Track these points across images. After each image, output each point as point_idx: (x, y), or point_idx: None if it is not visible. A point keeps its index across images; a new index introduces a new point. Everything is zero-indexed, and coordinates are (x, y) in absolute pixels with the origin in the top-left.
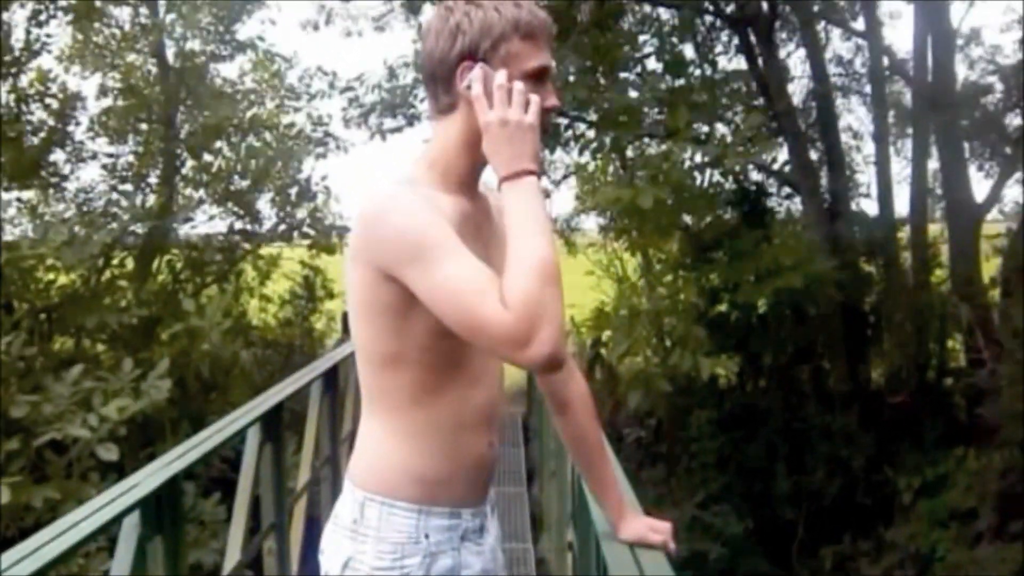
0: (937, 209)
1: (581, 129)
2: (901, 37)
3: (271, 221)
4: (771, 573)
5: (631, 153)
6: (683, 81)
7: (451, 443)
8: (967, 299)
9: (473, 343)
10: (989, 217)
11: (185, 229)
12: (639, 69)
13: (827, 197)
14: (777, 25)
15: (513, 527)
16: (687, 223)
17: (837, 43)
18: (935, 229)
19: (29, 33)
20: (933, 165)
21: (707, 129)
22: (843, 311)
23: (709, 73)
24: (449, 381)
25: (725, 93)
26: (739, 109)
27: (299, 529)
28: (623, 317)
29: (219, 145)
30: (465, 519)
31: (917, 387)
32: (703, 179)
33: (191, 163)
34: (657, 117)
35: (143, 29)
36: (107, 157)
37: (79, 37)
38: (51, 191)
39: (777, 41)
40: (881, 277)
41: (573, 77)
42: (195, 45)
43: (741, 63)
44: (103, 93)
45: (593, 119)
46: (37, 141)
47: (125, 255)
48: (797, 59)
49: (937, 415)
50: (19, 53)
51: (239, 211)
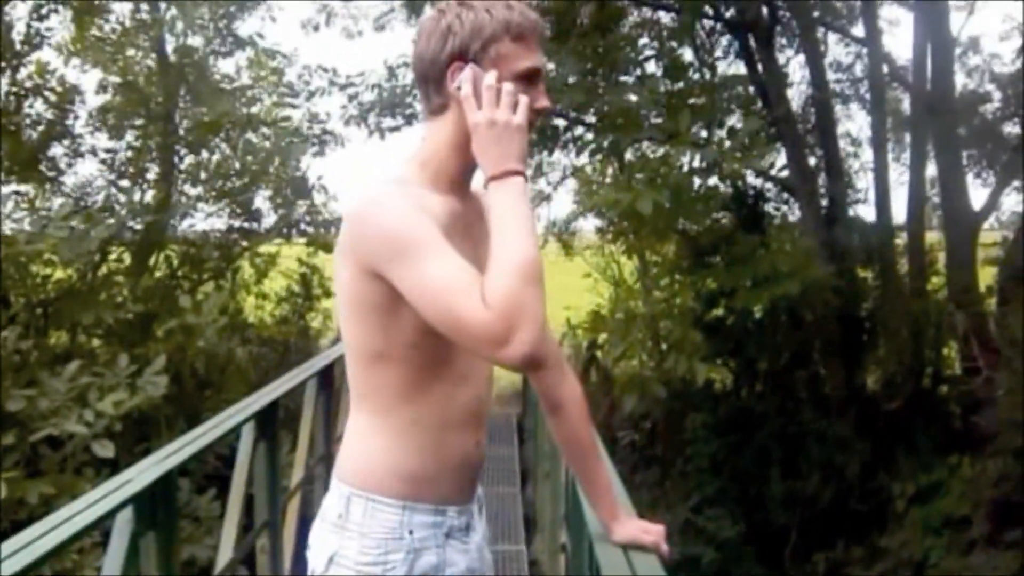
0: (934, 216)
1: (580, 131)
2: (901, 44)
3: (270, 218)
4: None
5: (630, 156)
6: (682, 85)
7: (437, 441)
8: (963, 307)
9: (455, 341)
10: (986, 225)
11: (183, 226)
12: (639, 72)
13: (825, 203)
14: (777, 30)
15: (506, 528)
16: (684, 227)
17: (836, 49)
18: (932, 236)
19: (30, 28)
20: (931, 172)
21: (705, 133)
22: (839, 317)
23: (708, 77)
24: (435, 379)
25: (724, 98)
26: (738, 114)
27: (292, 527)
28: (619, 320)
29: (217, 141)
30: (450, 516)
31: (912, 394)
32: (701, 183)
33: (189, 159)
34: (656, 120)
35: (143, 25)
36: (105, 152)
37: (79, 32)
38: (48, 185)
39: (777, 46)
40: (878, 283)
41: (572, 79)
42: (195, 41)
43: (740, 68)
44: (102, 88)
45: (592, 121)
46: (36, 135)
47: (123, 251)
48: (796, 65)
49: (932, 422)
50: (19, 47)
51: (237, 208)
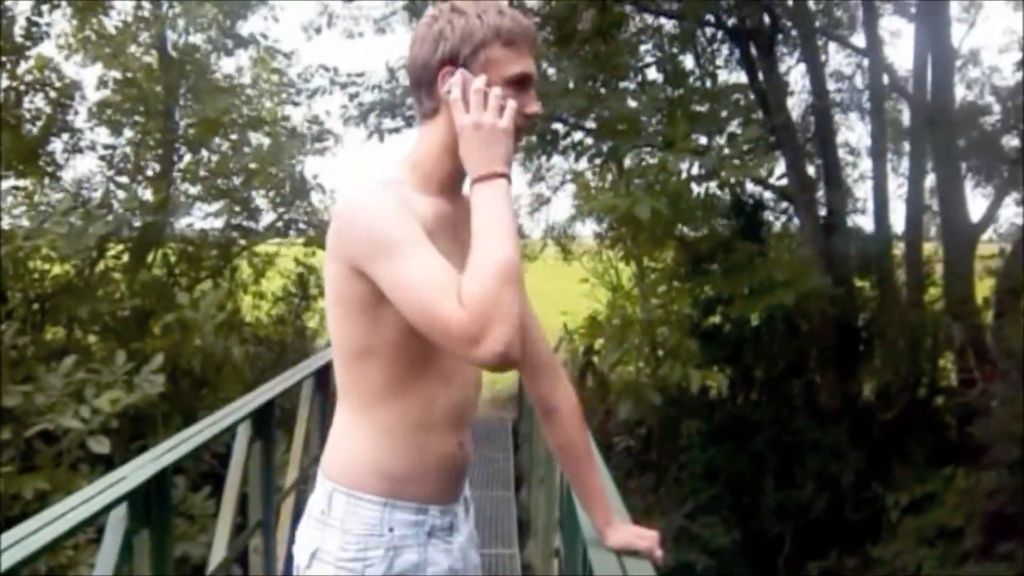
0: (933, 227)
1: (580, 137)
2: (902, 55)
3: (268, 218)
4: None
5: (629, 162)
6: (683, 92)
7: (418, 440)
8: (960, 318)
9: (432, 339)
10: (984, 237)
11: (181, 224)
12: (639, 79)
13: (823, 212)
14: (778, 39)
15: (500, 532)
16: (683, 234)
17: (837, 59)
18: (930, 247)
19: (31, 22)
20: (930, 183)
21: (705, 140)
22: (836, 326)
23: (709, 85)
24: (418, 378)
25: (724, 105)
26: (738, 121)
27: (286, 527)
28: (616, 326)
29: (218, 141)
30: (432, 516)
31: (908, 404)
32: (698, 191)
33: (189, 157)
34: (656, 127)
35: (145, 21)
36: (104, 148)
37: (79, 25)
38: (47, 180)
39: (778, 55)
40: (875, 293)
41: (573, 85)
42: (197, 39)
43: (741, 76)
44: (103, 83)
45: (592, 127)
46: (36, 130)
47: (121, 248)
48: (797, 74)
49: (927, 433)
50: (20, 41)
51: (236, 207)
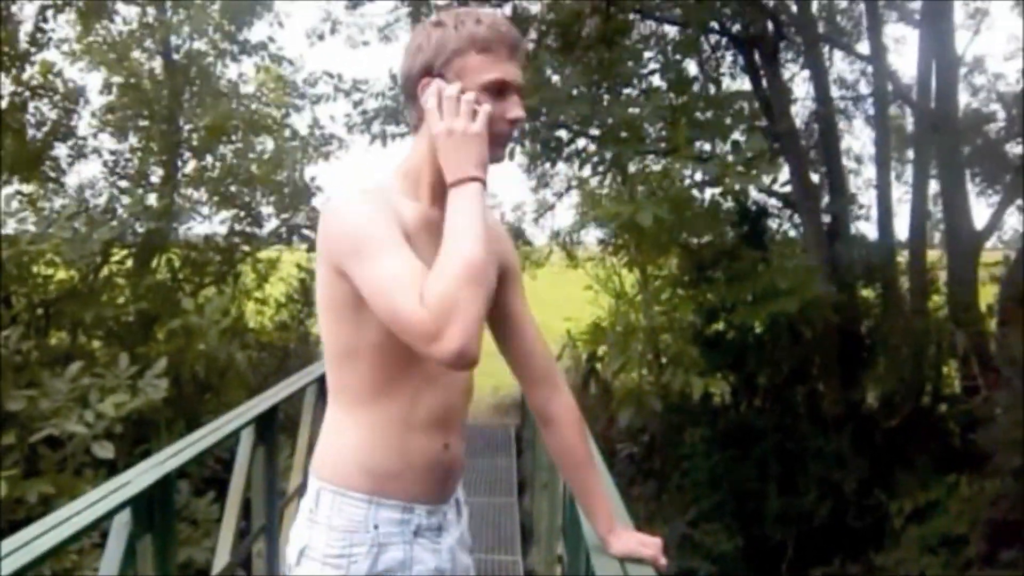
0: (936, 235)
1: (583, 143)
2: (906, 62)
3: (272, 224)
4: None
5: (633, 169)
6: (686, 99)
7: (402, 438)
8: (964, 326)
9: (400, 337)
10: (988, 244)
11: (184, 229)
12: (643, 86)
13: (827, 219)
14: (782, 46)
15: (503, 538)
16: (686, 241)
17: (841, 66)
18: (934, 255)
19: (36, 28)
20: (933, 190)
21: (709, 148)
22: (839, 334)
23: (713, 92)
24: (402, 379)
25: (728, 112)
26: (742, 128)
27: (289, 533)
28: (619, 333)
29: (221, 146)
30: (418, 515)
31: (911, 412)
32: (701, 198)
33: (193, 163)
34: (660, 134)
35: (149, 28)
36: (108, 154)
37: (83, 31)
38: (51, 185)
39: (781, 62)
40: (878, 301)
41: (576, 91)
42: (201, 45)
43: (745, 83)
44: (107, 88)
45: (595, 134)
46: (40, 135)
47: (125, 253)
48: (801, 80)
49: (930, 441)
50: (25, 47)
51: (240, 213)
